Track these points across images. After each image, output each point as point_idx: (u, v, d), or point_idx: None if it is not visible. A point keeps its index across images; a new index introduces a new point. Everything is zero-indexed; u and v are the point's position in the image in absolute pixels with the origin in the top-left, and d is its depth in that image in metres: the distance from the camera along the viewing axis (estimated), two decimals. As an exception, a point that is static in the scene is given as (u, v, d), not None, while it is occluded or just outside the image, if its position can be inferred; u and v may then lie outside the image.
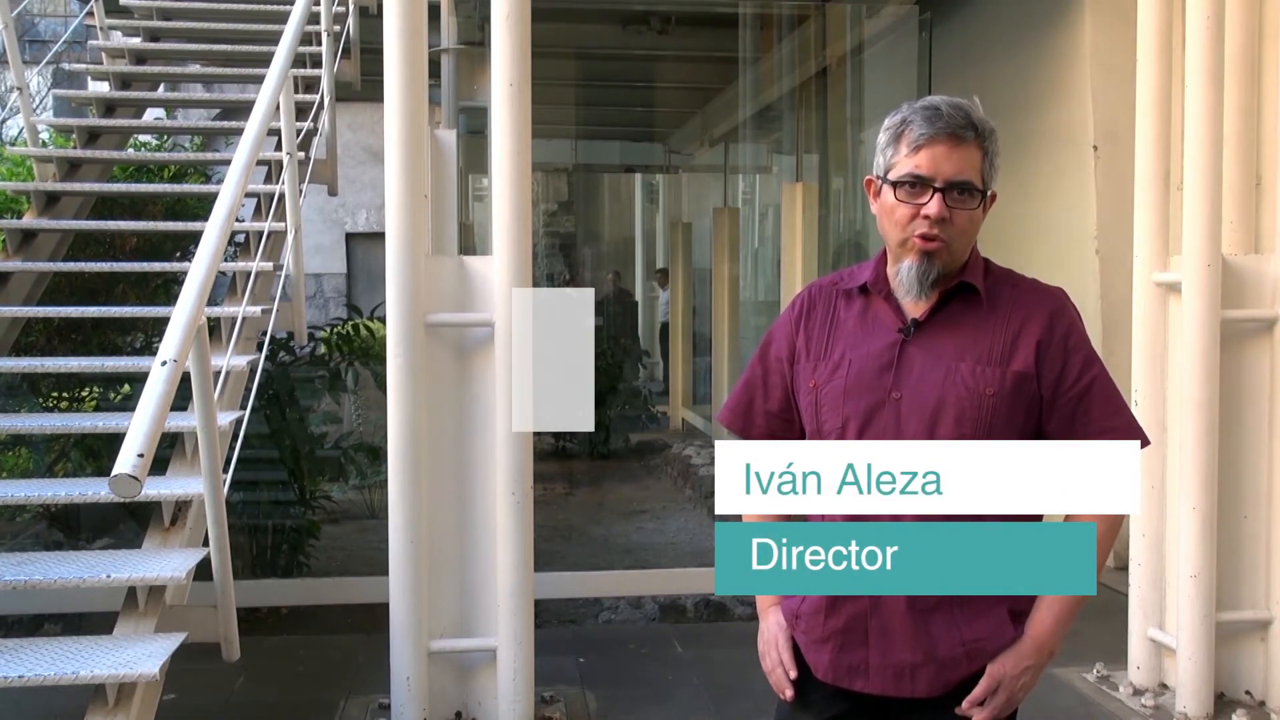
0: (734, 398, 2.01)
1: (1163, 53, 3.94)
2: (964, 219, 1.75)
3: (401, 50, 3.54)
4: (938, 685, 1.77)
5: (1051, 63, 6.13)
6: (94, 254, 5.33)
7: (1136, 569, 4.05)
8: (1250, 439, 3.90)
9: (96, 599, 3.70)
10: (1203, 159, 3.75)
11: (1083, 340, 1.81)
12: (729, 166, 11.30)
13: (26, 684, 2.86)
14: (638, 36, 7.98)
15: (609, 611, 5.18)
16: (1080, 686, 4.13)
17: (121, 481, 2.58)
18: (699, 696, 4.09)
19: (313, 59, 5.50)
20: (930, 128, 1.73)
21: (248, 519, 5.38)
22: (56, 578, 3.18)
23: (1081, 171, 5.85)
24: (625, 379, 10.58)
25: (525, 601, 3.64)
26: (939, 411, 1.75)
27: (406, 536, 3.58)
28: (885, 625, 1.77)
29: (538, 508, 3.77)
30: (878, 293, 1.85)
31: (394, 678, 3.61)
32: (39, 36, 13.41)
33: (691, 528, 7.16)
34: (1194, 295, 3.77)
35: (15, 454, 5.75)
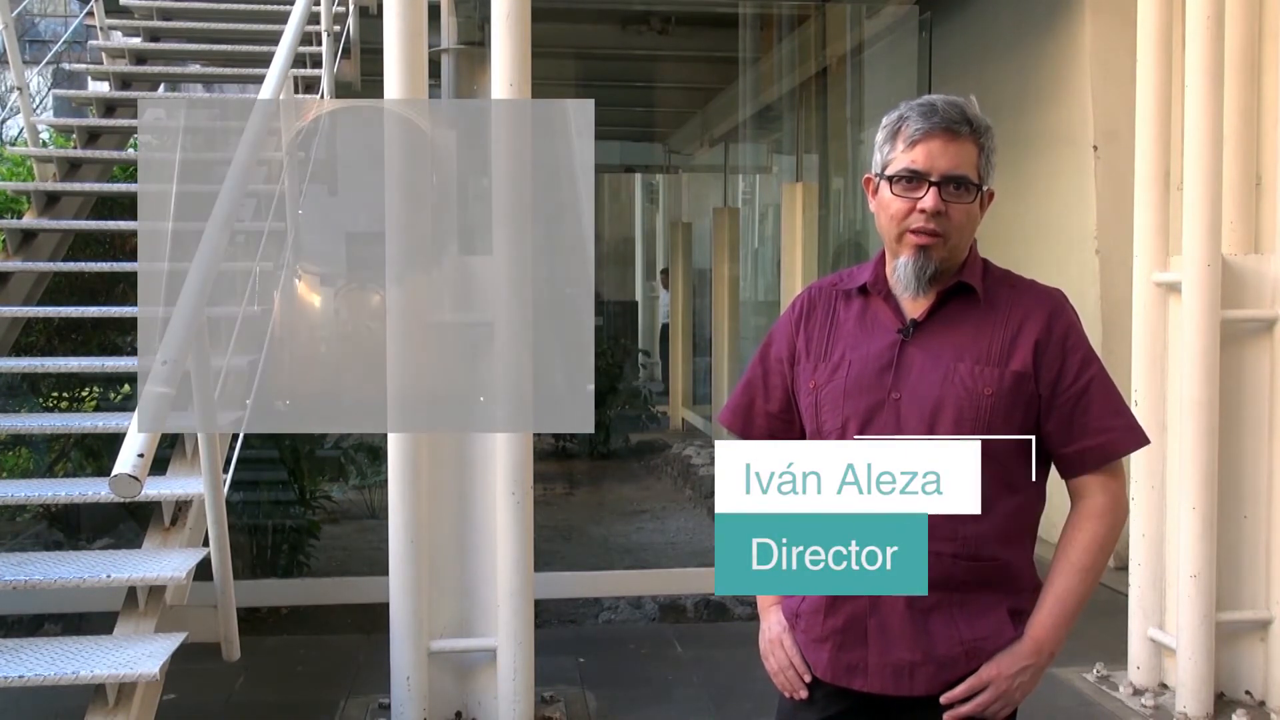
0: (734, 398, 2.01)
1: (1163, 53, 3.94)
2: (960, 214, 1.76)
3: (401, 50, 3.54)
4: (936, 685, 1.77)
5: (1051, 63, 6.13)
6: (94, 254, 5.33)
7: (1136, 569, 4.05)
8: (1250, 439, 3.90)
9: (96, 599, 3.70)
10: (1203, 159, 3.75)
11: (1081, 340, 1.81)
12: (729, 166, 11.31)
13: (26, 684, 2.86)
14: (638, 36, 7.99)
15: (609, 611, 5.17)
16: (1080, 686, 4.13)
17: (121, 481, 2.59)
18: (699, 696, 4.09)
19: (313, 59, 5.50)
20: (926, 123, 1.74)
21: (248, 519, 5.37)
22: (56, 578, 3.18)
23: (1081, 171, 5.85)
24: (626, 379, 10.58)
25: (525, 601, 3.64)
26: (938, 412, 1.75)
27: (406, 536, 3.58)
28: (884, 624, 1.77)
29: (538, 508, 3.77)
30: (877, 293, 1.86)
31: (394, 678, 3.61)
32: (39, 36, 13.41)
33: (691, 528, 7.16)
34: (1194, 295, 3.77)
35: (15, 454, 5.75)
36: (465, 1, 6.27)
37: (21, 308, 4.45)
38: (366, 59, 6.01)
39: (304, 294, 6.51)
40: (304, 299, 6.56)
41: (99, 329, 5.27)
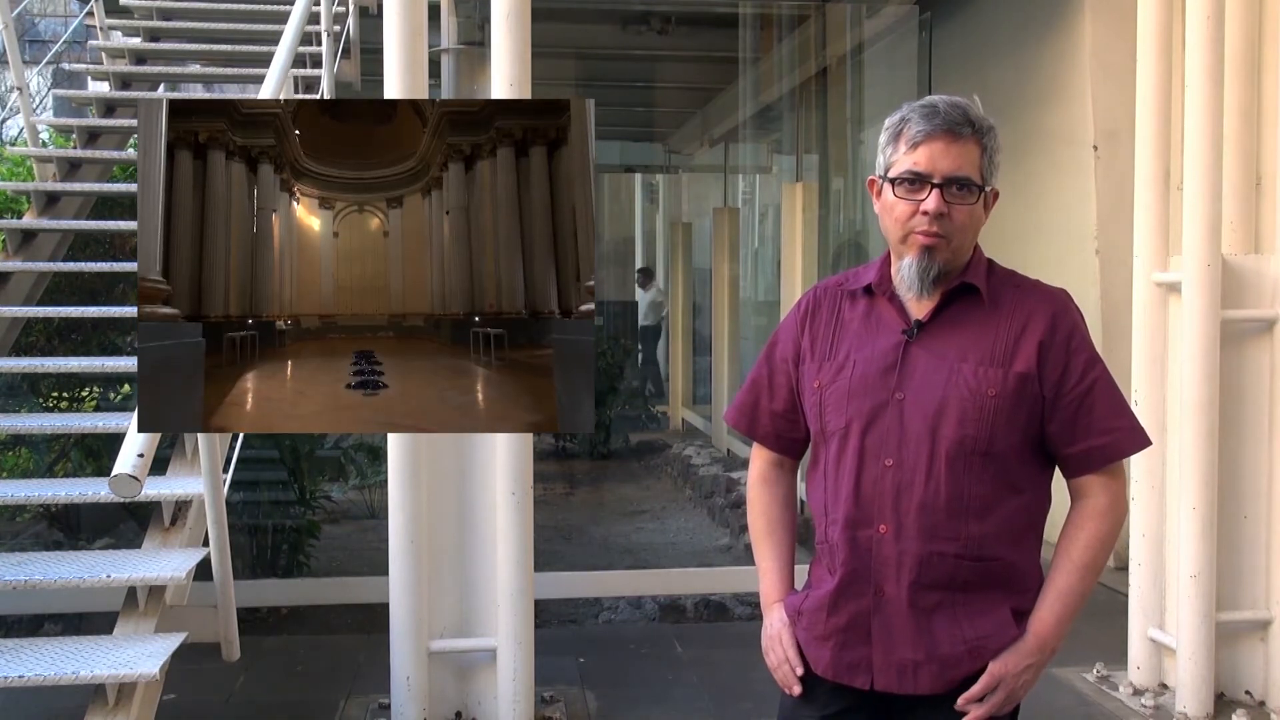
0: (740, 398, 2.01)
1: (1163, 53, 3.93)
2: (963, 214, 1.76)
3: (401, 50, 3.54)
4: (939, 683, 1.77)
5: (1051, 63, 6.13)
6: (94, 254, 5.33)
7: (1136, 569, 4.05)
8: (1250, 439, 3.90)
9: (96, 599, 3.70)
10: (1203, 159, 3.75)
11: (1085, 342, 1.81)
12: (729, 166, 11.31)
13: (26, 684, 2.86)
14: (638, 36, 7.99)
15: (609, 611, 5.17)
16: (1080, 686, 4.13)
17: (121, 481, 2.59)
18: (699, 696, 4.09)
19: (313, 59, 5.50)
20: (928, 124, 1.74)
21: (248, 519, 5.37)
22: (56, 578, 3.18)
23: (1081, 171, 5.86)
24: (626, 379, 10.59)
25: (525, 601, 3.64)
26: (941, 412, 1.75)
27: (406, 536, 3.58)
28: (887, 623, 1.78)
29: (538, 508, 3.77)
30: (882, 294, 1.86)
31: (394, 678, 3.61)
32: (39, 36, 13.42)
33: (691, 528, 7.16)
34: (1194, 295, 3.77)
35: (15, 454, 5.75)
36: (465, 1, 6.26)
37: (21, 308, 4.45)
38: (366, 59, 6.02)
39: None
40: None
41: (99, 329, 5.28)
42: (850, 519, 1.79)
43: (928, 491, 1.74)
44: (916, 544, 1.75)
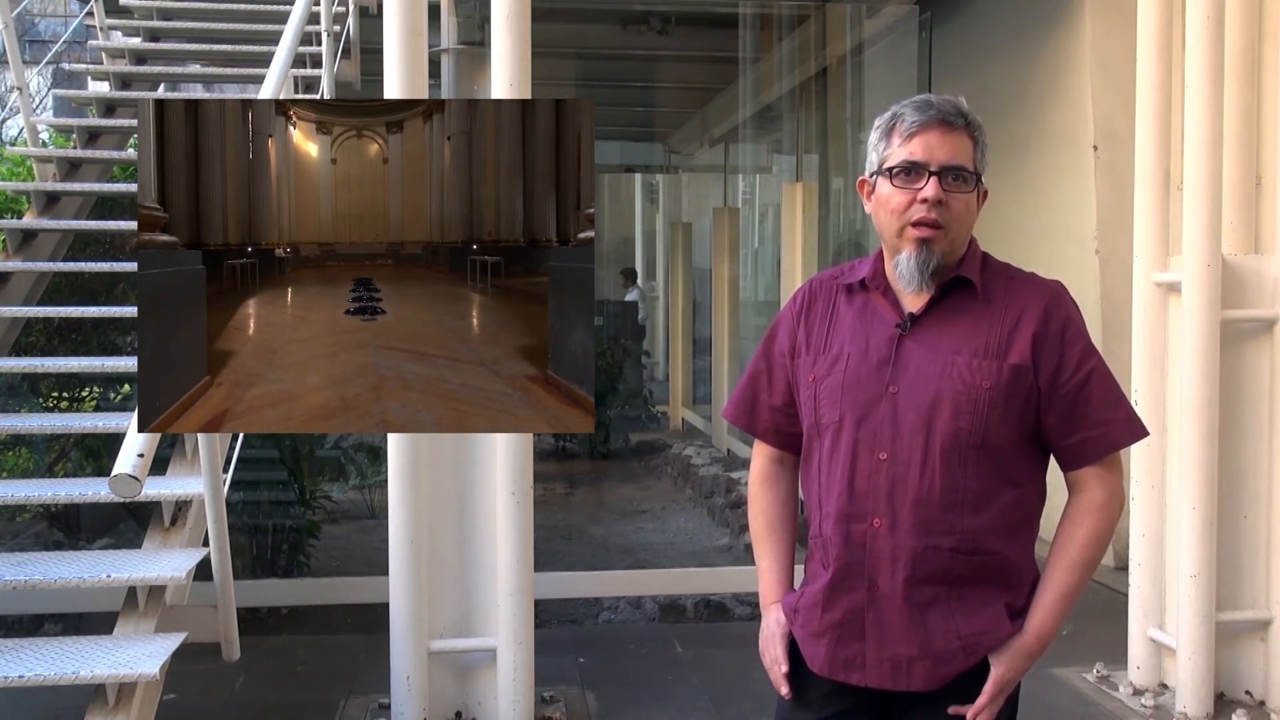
0: (738, 393, 2.01)
1: (1163, 53, 3.94)
2: (960, 204, 1.76)
3: (401, 50, 3.54)
4: (934, 679, 1.77)
5: (1051, 63, 6.13)
6: (94, 254, 5.34)
7: (1136, 569, 4.05)
8: (1250, 439, 3.90)
9: (96, 599, 3.70)
10: (1203, 159, 3.75)
11: (1080, 333, 1.81)
12: (729, 166, 11.31)
13: (26, 684, 2.86)
14: (638, 36, 7.99)
15: (609, 611, 5.18)
16: (1080, 686, 4.13)
17: (121, 481, 2.59)
18: (699, 696, 4.09)
19: (313, 59, 5.50)
20: (922, 115, 1.75)
21: (248, 519, 5.37)
22: (56, 578, 3.18)
23: (1081, 171, 5.86)
24: (626, 379, 10.59)
25: (525, 601, 3.64)
26: (935, 405, 1.75)
27: (406, 536, 3.58)
28: (882, 619, 1.77)
29: (538, 508, 3.77)
30: (876, 288, 1.86)
31: (394, 678, 3.61)
32: (39, 36, 13.42)
33: (691, 528, 7.16)
34: (1194, 295, 3.77)
35: (15, 454, 5.75)
36: (465, 1, 6.27)
37: (21, 308, 4.45)
38: (366, 59, 6.02)
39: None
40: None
41: (99, 329, 5.28)
42: (844, 513, 1.78)
43: (922, 485, 1.74)
44: (911, 538, 1.74)
